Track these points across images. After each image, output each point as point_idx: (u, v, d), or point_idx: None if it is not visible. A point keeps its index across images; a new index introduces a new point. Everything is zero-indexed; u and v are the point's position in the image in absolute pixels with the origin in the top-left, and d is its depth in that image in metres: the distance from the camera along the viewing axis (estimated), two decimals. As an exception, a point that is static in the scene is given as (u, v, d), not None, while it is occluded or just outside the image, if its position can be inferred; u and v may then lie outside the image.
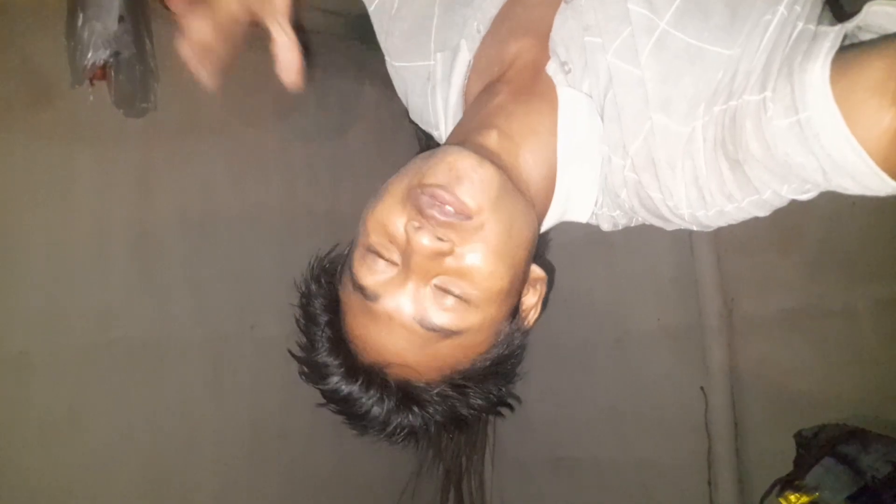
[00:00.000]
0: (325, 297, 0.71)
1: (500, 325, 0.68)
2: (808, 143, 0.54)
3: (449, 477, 2.60)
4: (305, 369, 0.70)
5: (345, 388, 0.67)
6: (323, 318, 0.70)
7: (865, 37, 0.59)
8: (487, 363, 0.69)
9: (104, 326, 1.71)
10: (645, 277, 2.31)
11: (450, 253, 0.62)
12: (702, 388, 2.11)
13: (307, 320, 0.71)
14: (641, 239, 2.30)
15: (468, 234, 0.62)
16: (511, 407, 0.76)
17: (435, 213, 0.61)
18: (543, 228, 0.77)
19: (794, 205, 0.64)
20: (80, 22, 1.53)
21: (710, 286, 2.11)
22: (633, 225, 0.81)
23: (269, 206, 2.12)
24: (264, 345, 1.97)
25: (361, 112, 2.43)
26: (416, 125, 0.98)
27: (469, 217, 0.62)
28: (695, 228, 0.71)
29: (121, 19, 1.59)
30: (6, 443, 1.52)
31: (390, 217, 0.63)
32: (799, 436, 1.79)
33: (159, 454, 1.79)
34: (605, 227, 0.81)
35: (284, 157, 2.18)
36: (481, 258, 0.62)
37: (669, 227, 0.75)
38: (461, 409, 0.69)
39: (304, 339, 0.71)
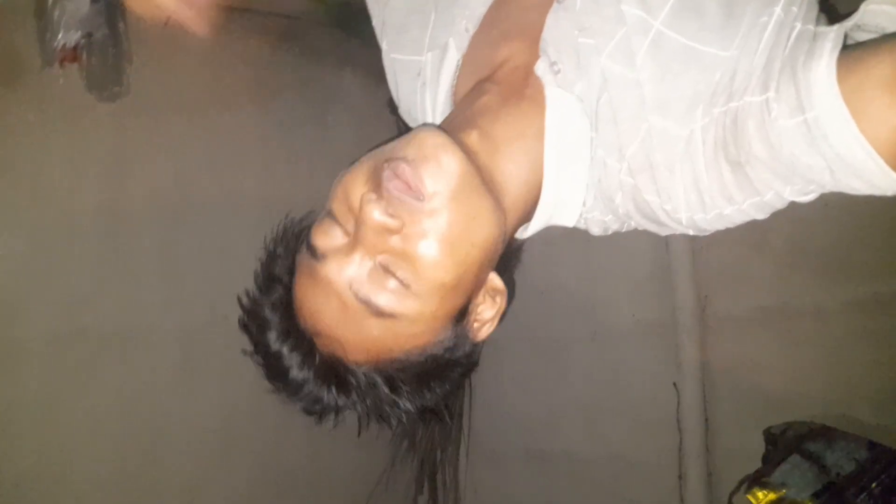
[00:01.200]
0: (288, 259, 0.72)
1: (440, 322, 0.67)
2: (816, 142, 0.54)
3: (423, 468, 2.60)
4: (246, 318, 0.72)
5: (274, 345, 0.68)
6: (281, 279, 0.71)
7: (863, 36, 0.59)
8: (422, 360, 0.68)
9: (73, 314, 1.67)
10: (621, 272, 2.32)
11: (397, 231, 0.62)
12: (674, 385, 2.13)
13: (265, 277, 0.73)
14: (619, 234, 2.31)
15: (420, 217, 0.62)
16: (441, 418, 0.77)
17: (391, 187, 0.61)
18: (528, 233, 0.77)
19: (770, 204, 0.64)
20: (50, 1, 1.48)
21: (685, 283, 2.14)
22: (624, 230, 0.81)
23: (246, 194, 2.09)
24: (237, 335, 1.95)
25: (341, 100, 2.40)
26: (398, 116, 0.97)
27: (421, 198, 0.61)
28: (691, 233, 0.71)
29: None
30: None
31: (354, 187, 0.65)
32: (767, 432, 1.82)
33: (129, 444, 1.76)
34: (595, 230, 0.80)
35: (262, 145, 2.15)
36: (428, 245, 0.62)
37: (664, 232, 0.74)
38: (385, 405, 0.69)
39: (254, 292, 0.73)
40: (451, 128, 0.70)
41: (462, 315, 0.69)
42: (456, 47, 0.78)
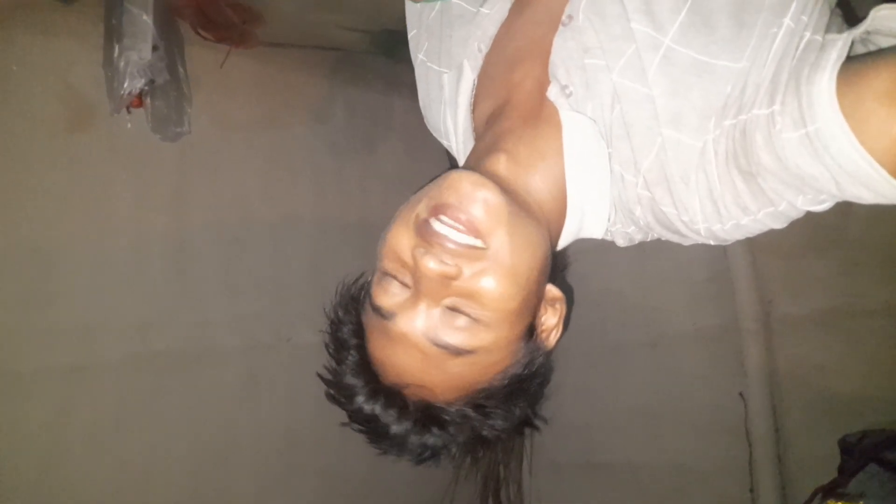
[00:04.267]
0: (352, 322, 0.73)
1: (514, 344, 0.69)
2: (819, 154, 0.54)
3: (487, 485, 2.59)
4: (332, 391, 0.73)
5: (367, 407, 0.69)
6: (350, 343, 0.72)
7: (879, 40, 0.58)
8: (506, 382, 0.70)
9: (144, 338, 1.78)
10: (677, 278, 2.27)
11: (456, 277, 0.63)
12: (741, 394, 2.06)
13: (336, 345, 0.74)
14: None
15: (476, 256, 0.63)
16: (537, 427, 0.77)
17: (439, 239, 0.63)
18: (560, 246, 0.78)
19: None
20: (116, 52, 1.61)
21: (746, 287, 2.07)
22: (648, 240, 0.81)
23: (301, 218, 2.18)
24: (299, 354, 2.02)
25: (390, 123, 2.47)
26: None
27: (478, 237, 0.63)
28: (711, 243, 0.71)
29: (155, 48, 1.66)
30: (52, 455, 1.59)
31: (400, 242, 0.66)
32: (843, 441, 1.74)
33: (198, 463, 1.86)
34: (621, 242, 0.81)
35: (314, 170, 2.24)
36: (490, 280, 0.64)
37: (686, 243, 0.74)
38: (482, 430, 0.70)
39: (332, 363, 0.74)
40: (479, 157, 0.73)
41: (532, 331, 0.72)
42: (471, 67, 0.80)
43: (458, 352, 0.65)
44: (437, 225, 0.63)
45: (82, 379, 1.64)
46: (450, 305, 0.65)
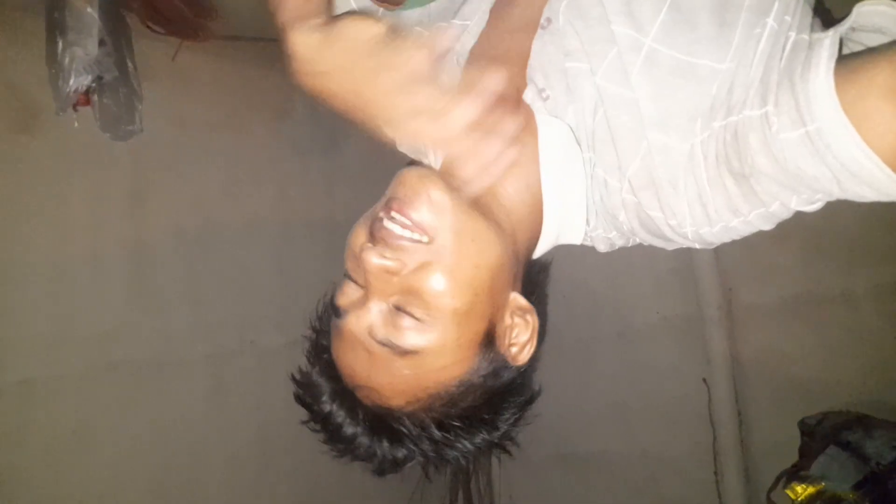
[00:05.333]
0: (328, 329, 0.73)
1: (465, 350, 0.66)
2: (820, 154, 0.53)
3: (457, 478, 2.60)
4: (300, 391, 0.72)
5: (325, 407, 0.69)
6: (326, 349, 0.72)
7: (862, 37, 0.58)
8: (464, 393, 0.68)
9: (105, 348, 1.71)
10: (643, 269, 2.30)
11: (398, 271, 0.63)
12: (704, 380, 2.11)
13: (314, 351, 0.74)
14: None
15: (418, 252, 0.63)
16: (507, 451, 0.75)
17: (384, 234, 0.63)
18: (537, 254, 0.77)
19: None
20: (60, 48, 1.52)
21: (709, 277, 2.11)
22: (629, 245, 0.80)
23: (264, 218, 2.12)
24: (265, 357, 1.98)
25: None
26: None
27: (423, 232, 0.63)
28: (697, 246, 0.71)
29: (101, 43, 1.57)
30: (13, 468, 1.52)
31: (356, 241, 0.66)
32: (802, 423, 1.79)
33: (165, 472, 1.80)
34: (601, 248, 0.80)
35: (277, 169, 2.18)
36: (432, 277, 0.63)
37: (670, 247, 0.73)
38: (442, 448, 0.68)
39: (306, 366, 0.73)
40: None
41: (490, 340, 0.69)
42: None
43: (402, 351, 0.64)
44: (386, 222, 0.63)
45: (39, 392, 1.57)
46: (396, 304, 0.64)
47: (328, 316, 0.74)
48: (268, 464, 2.04)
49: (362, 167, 2.39)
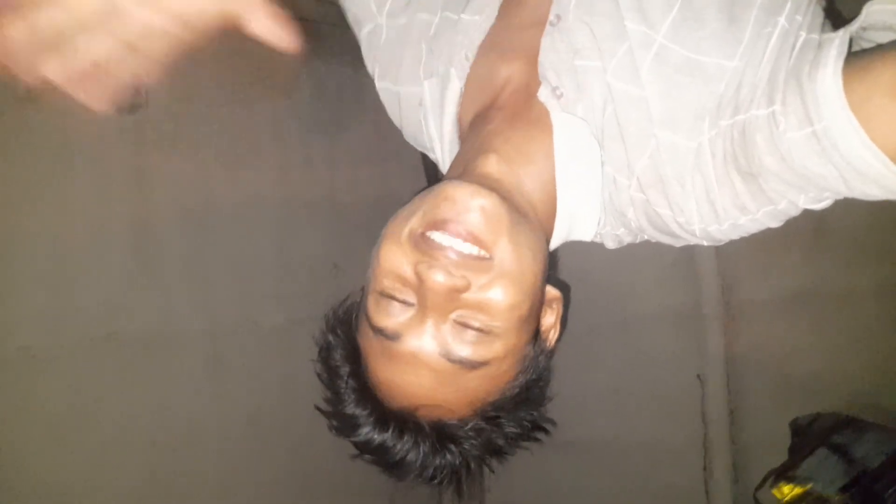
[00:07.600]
0: (344, 347, 0.71)
1: (523, 350, 0.68)
2: (827, 153, 0.53)
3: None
4: (335, 423, 0.70)
5: (377, 437, 0.67)
6: (345, 370, 0.70)
7: (874, 36, 0.58)
8: (517, 391, 0.69)
9: (105, 321, 1.72)
10: (646, 260, 2.30)
11: (466, 289, 0.62)
12: (698, 376, 2.12)
13: (329, 373, 0.71)
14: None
15: (481, 267, 0.62)
16: (546, 430, 0.76)
17: (448, 252, 0.61)
18: (550, 248, 0.77)
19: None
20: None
21: (708, 271, 2.11)
22: (637, 242, 0.81)
23: (266, 197, 2.11)
24: (265, 336, 1.99)
25: (360, 99, 2.40)
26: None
27: (482, 247, 0.62)
28: (705, 244, 0.71)
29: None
30: (9, 438, 1.54)
31: (396, 260, 0.63)
32: (794, 423, 1.81)
33: (161, 446, 1.82)
34: (610, 244, 0.81)
35: (280, 147, 2.17)
36: (498, 290, 0.62)
37: (678, 244, 0.75)
38: (497, 440, 0.69)
39: (328, 394, 0.71)
40: (467, 159, 0.71)
41: (536, 334, 0.71)
42: (458, 77, 0.78)
43: (473, 365, 0.64)
44: (438, 237, 0.61)
45: (40, 362, 1.58)
46: (458, 319, 0.63)
47: (343, 333, 0.71)
48: (263, 441, 2.06)
49: (366, 148, 2.38)
